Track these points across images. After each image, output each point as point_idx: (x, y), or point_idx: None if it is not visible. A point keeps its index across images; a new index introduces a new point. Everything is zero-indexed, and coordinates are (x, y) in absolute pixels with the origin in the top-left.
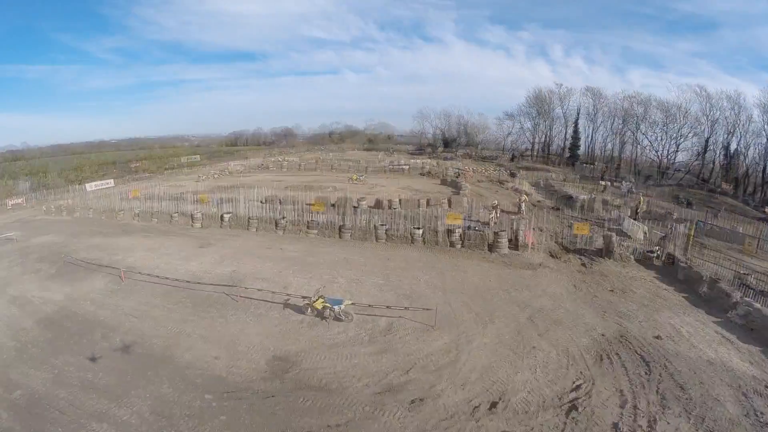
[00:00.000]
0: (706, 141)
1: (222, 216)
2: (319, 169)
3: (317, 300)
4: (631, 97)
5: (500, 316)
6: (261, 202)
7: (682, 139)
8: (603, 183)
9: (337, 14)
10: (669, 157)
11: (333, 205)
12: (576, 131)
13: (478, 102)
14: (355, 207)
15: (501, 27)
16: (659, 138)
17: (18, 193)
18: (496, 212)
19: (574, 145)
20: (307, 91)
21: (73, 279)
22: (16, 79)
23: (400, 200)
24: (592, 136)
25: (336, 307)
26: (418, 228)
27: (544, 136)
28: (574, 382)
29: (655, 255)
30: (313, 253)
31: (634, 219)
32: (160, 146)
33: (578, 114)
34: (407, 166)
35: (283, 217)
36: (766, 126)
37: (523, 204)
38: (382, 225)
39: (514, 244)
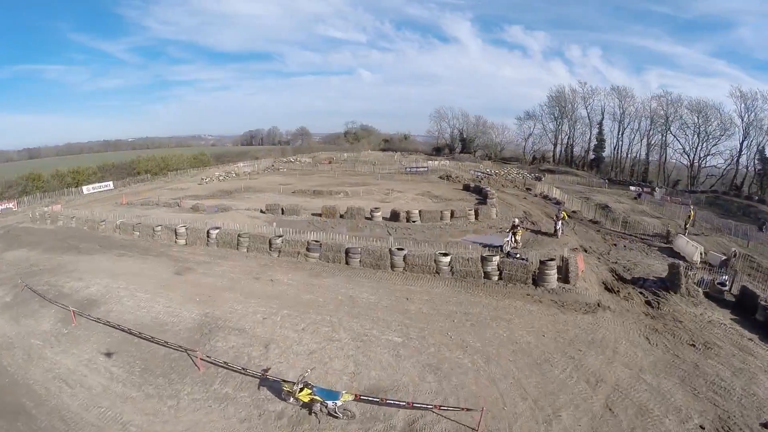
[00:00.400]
0: (741, 144)
1: (208, 232)
2: (332, 171)
3: (302, 390)
4: (659, 97)
5: (567, 404)
6: (261, 210)
7: (714, 142)
8: (634, 189)
9: (353, 14)
10: (700, 161)
11: (342, 216)
12: (600, 133)
13: (493, 103)
14: (368, 218)
15: (517, 27)
16: (690, 141)
17: (10, 197)
18: (514, 237)
19: (599, 148)
20: (323, 91)
21: (23, 313)
22: (35, 79)
23: (420, 212)
24: (617, 138)
25: (330, 402)
26: (446, 254)
27: (566, 137)
28: None
29: (727, 288)
30: (311, 287)
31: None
32: (176, 145)
33: (603, 115)
34: (426, 169)
35: (280, 236)
36: None
37: (561, 222)
38: (400, 249)
39: (563, 274)
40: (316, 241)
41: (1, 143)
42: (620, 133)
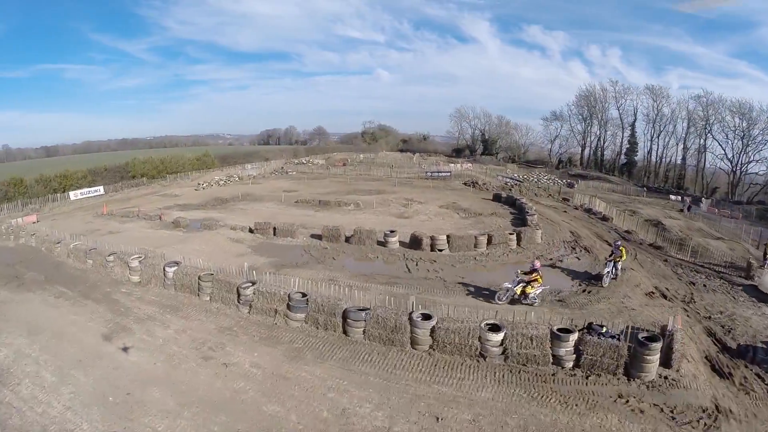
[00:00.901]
0: None
1: (164, 269)
2: (345, 174)
3: None
4: (699, 97)
5: None
6: (250, 229)
7: (759, 148)
8: (676, 199)
9: (372, 14)
10: (742, 168)
11: (348, 240)
12: (633, 135)
13: (512, 103)
14: (380, 243)
15: (536, 27)
16: (732, 145)
17: None
18: (615, 265)
19: (631, 151)
20: (341, 91)
21: None
22: (56, 78)
23: (448, 237)
24: (651, 141)
25: None
26: (496, 329)
27: (596, 139)
28: None
29: None
30: (283, 386)
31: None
32: (192, 143)
33: (635, 116)
34: (449, 173)
35: (251, 284)
36: None
37: (617, 265)
38: (426, 318)
39: (663, 353)
40: (301, 296)
41: (22, 141)
42: (655, 135)
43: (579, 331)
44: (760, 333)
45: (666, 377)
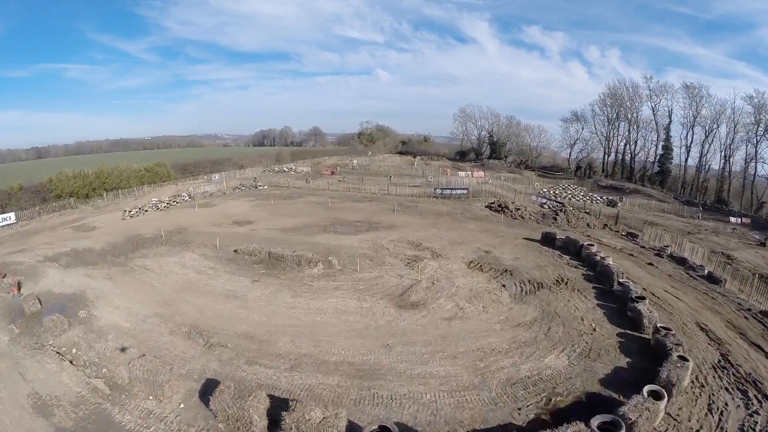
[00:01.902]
0: None
1: None
2: (330, 190)
3: None
4: (751, 98)
5: None
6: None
7: None
8: (736, 222)
9: (371, 14)
10: None
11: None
12: (667, 140)
13: (511, 103)
14: None
15: (535, 27)
16: None
17: None
18: None
19: (665, 158)
20: (341, 91)
21: None
22: (56, 78)
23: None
24: (687, 147)
25: None
26: None
27: (624, 143)
28: None
29: None
30: None
31: None
32: (187, 144)
33: (670, 118)
34: (465, 191)
35: None
36: None
37: None
38: None
39: None
40: None
41: (20, 142)
42: (692, 140)
43: None
44: None
45: None
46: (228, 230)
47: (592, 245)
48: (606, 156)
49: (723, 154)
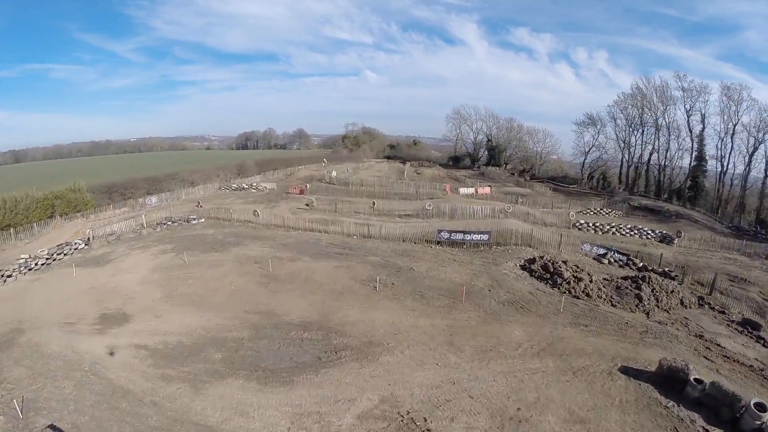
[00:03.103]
0: None
1: None
2: (287, 227)
3: None
4: None
5: None
6: None
7: None
8: None
9: (360, 15)
10: None
11: None
12: (701, 149)
13: (499, 105)
14: None
15: (524, 29)
16: None
17: None
18: None
19: (698, 171)
20: (329, 93)
21: None
22: (41, 78)
23: None
24: (727, 158)
25: None
26: None
27: (649, 152)
28: None
29: None
30: None
31: None
32: (169, 147)
33: (703, 123)
34: (486, 236)
35: None
36: None
37: None
38: None
39: None
40: None
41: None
42: (730, 151)
43: None
44: None
45: None
46: (73, 345)
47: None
48: (627, 166)
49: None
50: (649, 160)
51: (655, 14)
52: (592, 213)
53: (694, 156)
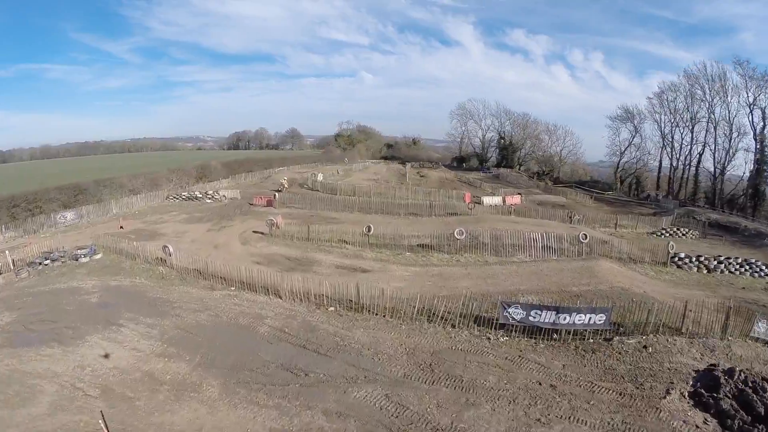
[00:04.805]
0: None
1: None
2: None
3: None
4: None
5: None
6: None
7: None
8: None
9: (356, 16)
10: None
11: None
12: (762, 152)
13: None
14: None
15: (520, 31)
16: None
17: None
18: None
19: (758, 176)
20: (325, 93)
21: None
22: (37, 78)
23: None
24: None
25: None
26: None
27: (699, 152)
28: None
29: None
30: None
31: None
32: (160, 147)
33: (764, 121)
34: (604, 317)
35: None
36: None
37: None
38: None
39: None
40: None
41: None
42: None
43: None
44: None
45: None
46: None
47: None
48: (671, 169)
49: None
50: (699, 161)
51: (650, 16)
52: (666, 234)
53: (755, 158)
